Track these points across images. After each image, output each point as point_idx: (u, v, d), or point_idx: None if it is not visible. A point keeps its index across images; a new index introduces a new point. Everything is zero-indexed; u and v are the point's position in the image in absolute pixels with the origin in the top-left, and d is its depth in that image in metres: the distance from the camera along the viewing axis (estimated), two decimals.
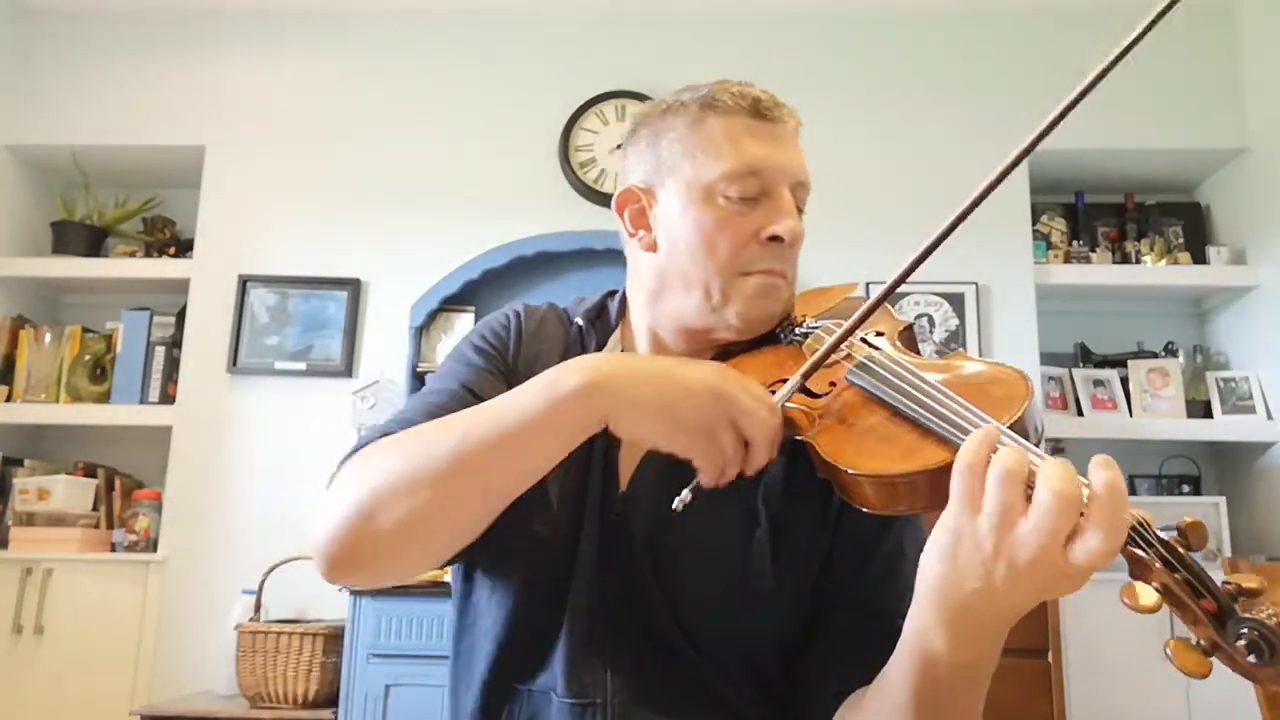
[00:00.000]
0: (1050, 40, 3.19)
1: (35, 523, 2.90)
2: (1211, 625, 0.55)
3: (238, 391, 3.05)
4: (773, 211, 0.89)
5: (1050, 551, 0.56)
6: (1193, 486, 3.09)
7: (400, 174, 3.18)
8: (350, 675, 2.38)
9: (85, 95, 3.27)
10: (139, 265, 3.20)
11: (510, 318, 1.00)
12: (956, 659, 0.65)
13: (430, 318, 2.99)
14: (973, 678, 0.68)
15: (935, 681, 0.67)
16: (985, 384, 0.74)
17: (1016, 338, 3.00)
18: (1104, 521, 0.55)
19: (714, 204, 0.88)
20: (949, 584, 0.61)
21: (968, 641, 0.64)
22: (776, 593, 0.85)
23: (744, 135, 0.90)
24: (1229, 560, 1.69)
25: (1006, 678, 2.35)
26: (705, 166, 0.89)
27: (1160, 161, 3.19)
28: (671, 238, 0.91)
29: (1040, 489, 0.56)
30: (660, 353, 0.95)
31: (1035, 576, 0.57)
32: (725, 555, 0.86)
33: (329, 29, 3.30)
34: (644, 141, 0.95)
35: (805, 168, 0.93)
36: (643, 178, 0.95)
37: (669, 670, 0.85)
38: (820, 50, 3.24)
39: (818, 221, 3.59)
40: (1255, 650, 0.53)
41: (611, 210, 0.98)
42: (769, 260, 0.89)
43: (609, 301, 1.02)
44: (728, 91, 0.92)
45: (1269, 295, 2.97)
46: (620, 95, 3.15)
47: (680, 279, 0.90)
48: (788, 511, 0.86)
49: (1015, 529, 0.57)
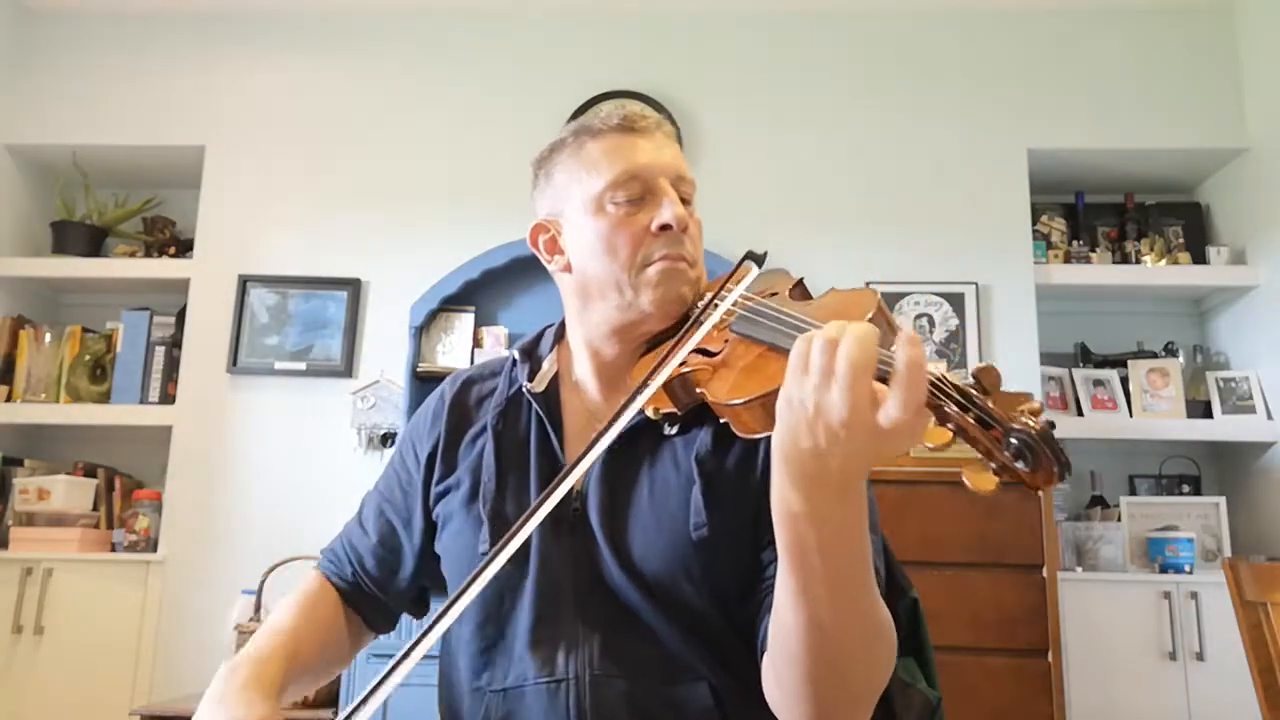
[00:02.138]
0: (1050, 40, 3.18)
1: (35, 523, 2.90)
2: (996, 449, 0.64)
3: (238, 391, 3.05)
4: (656, 206, 0.99)
5: (859, 412, 0.65)
6: (1193, 486, 3.08)
7: (400, 174, 3.18)
8: (350, 675, 2.37)
9: (85, 95, 3.27)
10: (139, 265, 3.20)
11: (432, 401, 1.13)
12: (810, 513, 0.71)
13: (430, 318, 2.99)
14: (835, 538, 0.72)
15: (803, 543, 0.72)
16: (841, 309, 0.83)
17: (1016, 338, 3.00)
18: (902, 392, 0.63)
19: (605, 212, 1.00)
20: (786, 444, 0.70)
21: (815, 495, 0.70)
22: (716, 540, 0.92)
23: (618, 148, 1.01)
24: (1228, 560, 1.69)
25: (1006, 678, 2.37)
26: (592, 183, 1.00)
27: (1160, 161, 3.19)
28: (580, 254, 1.02)
29: (839, 356, 0.65)
30: (598, 360, 1.04)
31: (853, 434, 0.65)
32: (670, 519, 0.94)
33: (329, 29, 3.30)
34: (542, 180, 1.07)
35: (682, 164, 1.04)
36: (547, 210, 1.06)
37: (633, 642, 0.92)
38: (821, 50, 3.24)
39: (818, 221, 3.57)
40: (1021, 457, 0.63)
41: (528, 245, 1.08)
42: (665, 247, 0.99)
43: (545, 332, 1.14)
44: (597, 116, 1.04)
45: (1269, 295, 2.97)
46: (620, 95, 3.15)
47: (596, 287, 1.01)
48: (717, 467, 0.95)
49: (829, 391, 0.66)
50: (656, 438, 0.98)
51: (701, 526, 0.91)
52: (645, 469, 0.97)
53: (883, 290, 3.05)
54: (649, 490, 0.96)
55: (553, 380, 1.06)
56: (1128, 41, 3.17)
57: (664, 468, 0.96)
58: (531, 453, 1.02)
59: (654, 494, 0.95)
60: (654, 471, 0.96)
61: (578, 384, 1.06)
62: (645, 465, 0.97)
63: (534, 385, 1.05)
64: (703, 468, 0.94)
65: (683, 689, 0.90)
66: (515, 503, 0.99)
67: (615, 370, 1.03)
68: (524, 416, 1.05)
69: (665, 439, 0.97)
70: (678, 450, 0.96)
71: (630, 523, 0.95)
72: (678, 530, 0.92)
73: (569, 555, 0.95)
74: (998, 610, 2.36)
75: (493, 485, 1.00)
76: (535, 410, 1.04)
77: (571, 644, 0.92)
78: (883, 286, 3.05)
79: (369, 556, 1.11)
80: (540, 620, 0.94)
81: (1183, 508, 2.91)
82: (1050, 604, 2.36)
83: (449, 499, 1.04)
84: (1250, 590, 1.63)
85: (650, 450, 0.97)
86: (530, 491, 1.00)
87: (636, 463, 0.97)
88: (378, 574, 1.11)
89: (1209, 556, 2.83)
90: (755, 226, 3.02)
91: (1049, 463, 0.63)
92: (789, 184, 3.15)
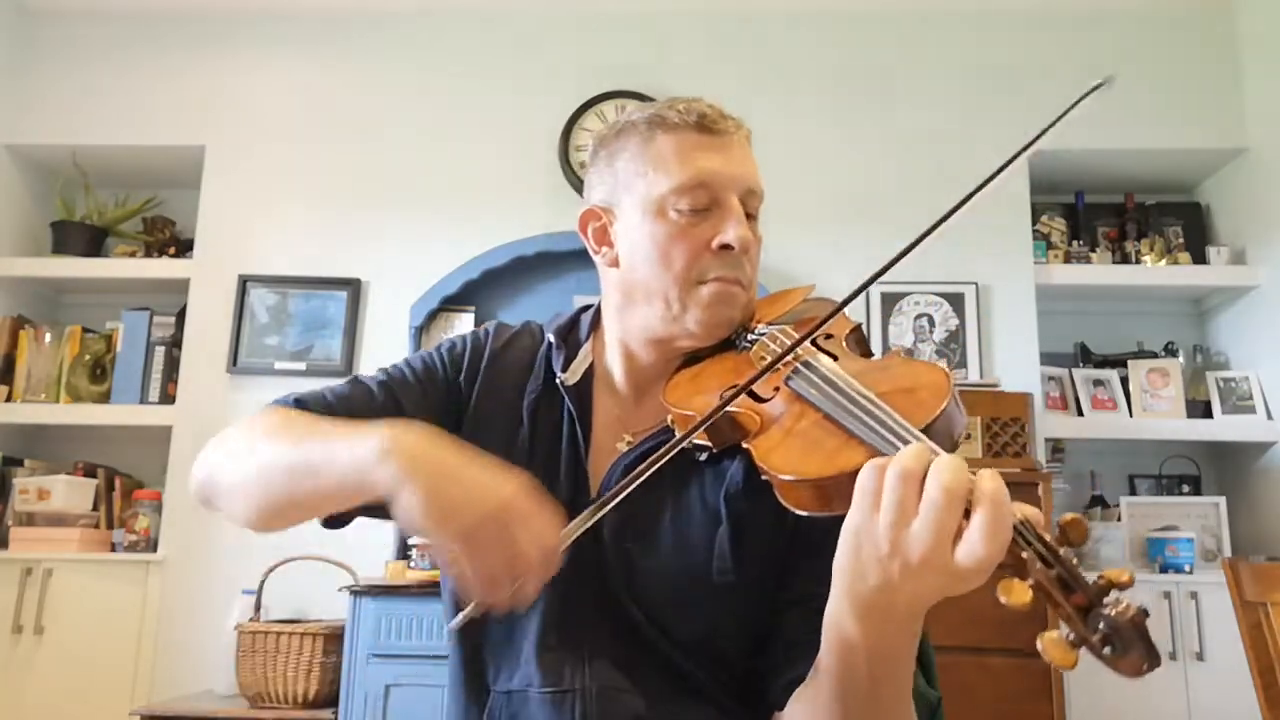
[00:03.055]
0: (1051, 40, 3.18)
1: (35, 523, 2.90)
2: (1079, 619, 0.59)
3: (238, 391, 3.04)
4: (722, 221, 0.93)
5: (939, 550, 0.61)
6: (1193, 486, 3.09)
7: (400, 174, 3.18)
8: (350, 675, 2.37)
9: (85, 95, 3.27)
10: (139, 265, 3.20)
11: (476, 338, 1.05)
12: (870, 646, 0.69)
13: (430, 318, 3.00)
14: (890, 665, 0.71)
15: (854, 669, 0.71)
16: (910, 388, 0.77)
17: (1016, 338, 3.00)
18: (986, 525, 0.59)
19: (666, 218, 0.94)
20: (853, 579, 0.66)
21: (877, 630, 0.68)
22: (738, 585, 0.89)
23: (691, 149, 0.94)
24: (1228, 560, 1.69)
25: (1006, 678, 2.36)
26: (656, 182, 0.94)
27: (1160, 161, 3.19)
28: (631, 252, 0.97)
29: (930, 484, 0.61)
30: (630, 363, 1.00)
31: (927, 572, 0.62)
32: (690, 552, 0.90)
33: (329, 29, 3.30)
34: (602, 162, 1.01)
35: (755, 175, 0.98)
36: (603, 197, 1.01)
37: (643, 659, 0.90)
38: (821, 50, 3.24)
39: (818, 221, 3.56)
40: (1109, 643, 0.57)
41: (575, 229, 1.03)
42: (722, 268, 0.93)
43: (582, 316, 1.08)
44: (674, 109, 0.97)
45: (1269, 295, 2.97)
46: (620, 95, 3.15)
47: (642, 291, 0.96)
48: (748, 510, 0.90)
49: (909, 528, 0.62)
50: (686, 463, 0.92)
51: (727, 572, 0.88)
52: (670, 495, 0.92)
53: (883, 290, 3.05)
54: (671, 518, 0.92)
55: (586, 372, 1.01)
56: (1128, 41, 3.16)
57: (690, 498, 0.92)
58: (563, 447, 0.98)
59: (676, 523, 0.91)
60: (679, 499, 0.92)
61: (609, 377, 1.02)
62: (670, 491, 0.92)
63: (567, 377, 1.00)
64: (731, 507, 0.90)
65: (690, 709, 0.89)
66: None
67: (647, 378, 1.00)
68: (557, 406, 1.00)
69: (694, 465, 0.93)
70: (706, 481, 0.92)
71: (648, 549, 0.91)
72: (698, 566, 0.89)
73: (583, 570, 0.91)
74: (998, 610, 2.34)
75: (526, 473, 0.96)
76: (568, 404, 0.99)
77: (579, 656, 0.90)
78: (883, 286, 3.05)
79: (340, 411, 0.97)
80: (549, 629, 0.91)
81: (1183, 508, 2.91)
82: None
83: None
84: (1250, 590, 1.63)
85: (677, 476, 0.92)
86: (557, 489, 0.94)
87: (661, 486, 0.90)
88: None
89: (1209, 556, 2.83)
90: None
91: (1139, 658, 0.56)
92: (789, 183, 3.15)
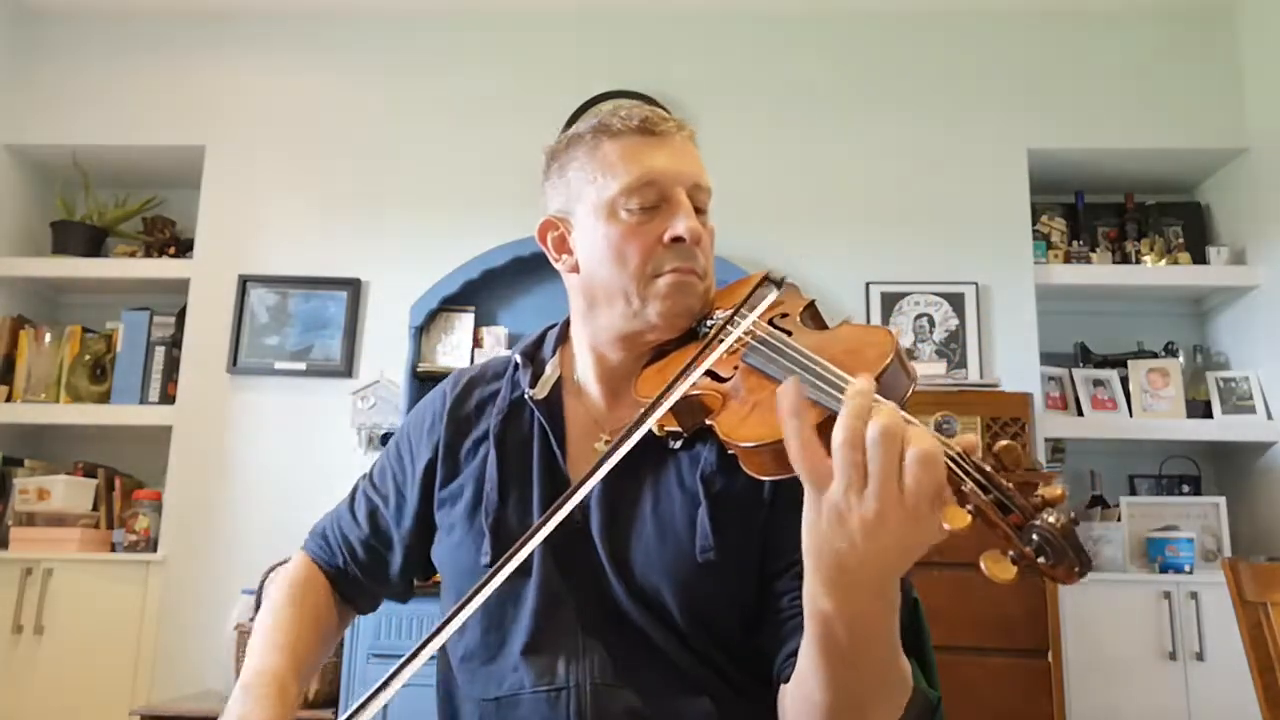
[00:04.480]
0: (1051, 41, 3.18)
1: (35, 523, 2.90)
2: (1016, 537, 0.63)
3: (238, 391, 3.05)
4: (671, 216, 0.97)
5: (887, 490, 0.64)
6: (1193, 486, 3.08)
7: (400, 174, 3.18)
8: (350, 675, 2.37)
9: (85, 95, 3.28)
10: (139, 265, 3.21)
11: (433, 399, 1.11)
12: (844, 614, 0.71)
13: (430, 318, 3.00)
14: (868, 633, 0.73)
15: (834, 639, 0.73)
16: (856, 349, 0.82)
17: (1016, 338, 3.00)
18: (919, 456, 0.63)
19: (618, 218, 0.97)
20: (819, 548, 0.69)
21: (849, 597, 0.70)
22: (723, 563, 0.91)
23: (636, 151, 0.99)
24: (1228, 560, 1.69)
25: (1007, 678, 2.36)
26: (606, 186, 0.98)
27: (1160, 161, 3.19)
28: (589, 256, 1.00)
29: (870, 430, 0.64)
30: (602, 365, 1.03)
31: (884, 524, 0.64)
32: (674, 535, 0.93)
33: (329, 30, 3.30)
34: (555, 174, 1.05)
35: (700, 171, 1.02)
36: (558, 206, 1.04)
37: (636, 653, 0.92)
38: (821, 50, 3.24)
39: (818, 221, 3.56)
40: (1042, 552, 0.61)
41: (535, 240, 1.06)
42: (676, 259, 0.97)
43: (548, 333, 1.12)
44: (617, 115, 1.01)
45: (1269, 295, 2.97)
46: (620, 95, 3.15)
47: (603, 292, 0.99)
48: (724, 488, 0.93)
49: (863, 488, 0.65)
50: (661, 452, 0.96)
51: (708, 550, 0.90)
52: (649, 484, 0.96)
53: (883, 290, 3.05)
54: (652, 506, 0.95)
55: (555, 384, 1.05)
56: (1128, 41, 3.16)
57: (668, 484, 0.95)
58: (534, 461, 1.01)
59: (658, 511, 0.94)
60: (658, 487, 0.95)
61: (581, 386, 1.05)
62: (649, 480, 0.96)
63: (536, 392, 1.03)
64: (709, 488, 0.93)
65: (685, 702, 0.90)
66: (518, 513, 0.98)
67: (619, 376, 1.02)
68: (526, 423, 1.04)
69: (669, 453, 0.96)
70: (682, 466, 0.95)
71: (633, 539, 0.94)
72: (682, 549, 0.92)
73: (570, 568, 0.94)
74: (998, 610, 2.36)
75: (495, 497, 0.99)
76: (538, 418, 1.02)
77: (572, 654, 0.92)
78: (883, 286, 3.05)
79: (360, 548, 1.11)
80: (540, 630, 0.93)
81: (1183, 508, 2.91)
82: (1050, 604, 2.36)
83: (451, 509, 1.03)
84: (1250, 590, 1.63)
85: (654, 465, 0.96)
86: (533, 502, 0.99)
87: (640, 478, 0.96)
88: (368, 564, 1.11)
89: (1209, 556, 2.83)
90: (755, 226, 3.01)
91: (1071, 561, 0.61)
92: (789, 184, 3.15)
